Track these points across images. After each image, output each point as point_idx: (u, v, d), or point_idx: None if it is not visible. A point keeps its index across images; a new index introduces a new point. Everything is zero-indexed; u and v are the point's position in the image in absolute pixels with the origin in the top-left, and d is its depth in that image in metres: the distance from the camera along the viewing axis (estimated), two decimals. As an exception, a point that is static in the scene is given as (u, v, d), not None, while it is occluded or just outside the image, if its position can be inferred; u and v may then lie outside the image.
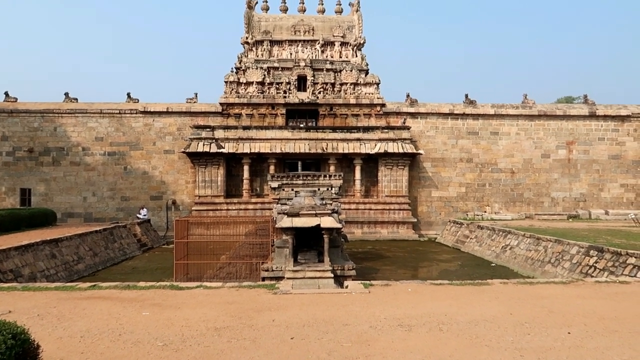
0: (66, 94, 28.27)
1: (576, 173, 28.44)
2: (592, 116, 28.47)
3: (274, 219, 14.93)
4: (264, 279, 13.50)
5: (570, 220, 25.13)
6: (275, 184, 16.19)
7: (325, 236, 12.68)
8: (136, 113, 27.70)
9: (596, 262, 12.93)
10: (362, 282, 9.29)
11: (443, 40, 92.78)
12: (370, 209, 26.38)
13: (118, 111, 27.69)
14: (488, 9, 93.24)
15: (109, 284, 9.15)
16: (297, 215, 12.54)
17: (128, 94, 28.33)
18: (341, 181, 16.33)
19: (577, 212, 26.90)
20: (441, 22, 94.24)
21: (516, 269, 16.42)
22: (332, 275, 12.61)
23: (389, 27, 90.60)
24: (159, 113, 27.77)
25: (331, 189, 15.97)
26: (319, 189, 15.77)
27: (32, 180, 27.21)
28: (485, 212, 27.20)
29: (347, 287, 9.04)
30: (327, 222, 12.42)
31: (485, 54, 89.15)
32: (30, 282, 12.98)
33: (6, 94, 27.90)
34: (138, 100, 28.35)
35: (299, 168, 26.26)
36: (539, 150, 28.44)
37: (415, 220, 26.77)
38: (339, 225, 12.97)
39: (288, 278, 12.55)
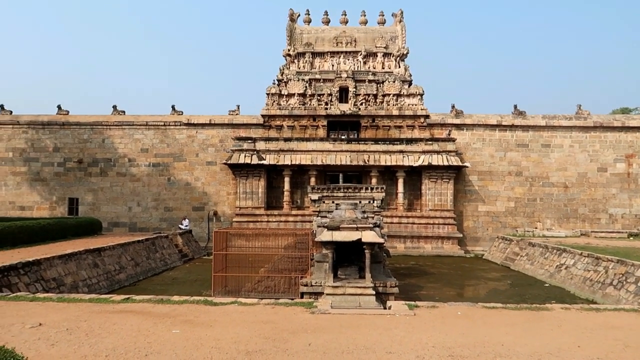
0: (114, 107, 29.08)
1: (637, 188, 26.56)
2: (654, 127, 26.60)
3: (314, 232, 14.50)
4: (302, 294, 13.06)
5: (631, 238, 23.38)
6: (315, 196, 15.81)
7: (366, 251, 12.12)
8: (180, 125, 28.13)
9: (666, 286, 11.72)
10: (407, 302, 8.65)
11: (488, 52, 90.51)
12: (414, 223, 25.52)
13: (163, 123, 28.21)
14: (534, 19, 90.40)
15: (142, 297, 8.92)
16: (337, 228, 12.05)
17: (172, 107, 28.85)
18: (383, 194, 15.76)
19: (638, 229, 25.02)
20: (485, 32, 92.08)
21: (573, 290, 15.24)
22: (374, 293, 12.00)
23: (433, 37, 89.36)
24: (202, 125, 28.10)
25: (373, 202, 15.42)
26: (360, 202, 15.25)
27: (81, 190, 28.03)
28: (536, 228, 25.77)
29: (390, 307, 8.44)
30: (369, 236, 11.86)
31: (532, 67, 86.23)
32: (73, 290, 13.08)
33: (59, 107, 28.99)
34: (182, 112, 28.81)
35: (340, 180, 25.73)
36: (594, 163, 26.79)
37: (461, 235, 25.68)
38: (381, 240, 12.37)
39: (327, 294, 12.05)
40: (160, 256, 19.89)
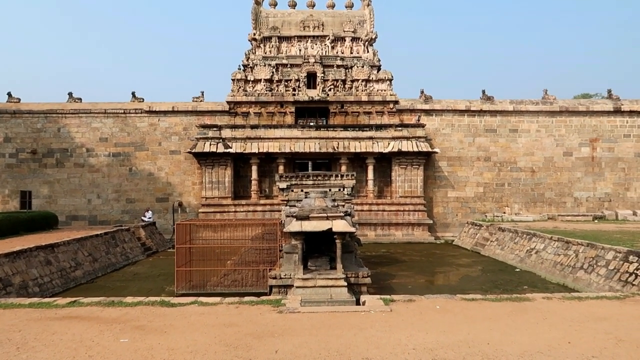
0: (70, 94, 27.51)
1: (600, 172, 27.01)
2: (617, 112, 27.02)
3: (282, 222, 13.91)
4: (271, 287, 12.50)
5: (596, 221, 23.75)
6: (283, 185, 15.19)
7: (337, 241, 11.62)
8: (141, 113, 26.86)
9: (637, 269, 11.70)
10: (382, 297, 8.13)
11: (455, 37, 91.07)
12: (384, 210, 25.23)
13: (123, 111, 26.87)
14: (501, 6, 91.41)
15: (91, 299, 8.09)
16: (306, 218, 11.49)
17: (133, 93, 27.52)
18: (354, 181, 15.28)
19: (602, 212, 25.48)
20: (453, 18, 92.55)
21: (544, 274, 15.20)
22: (345, 284, 11.55)
23: (401, 23, 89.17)
24: (165, 112, 26.90)
25: (343, 190, 14.92)
26: (330, 190, 14.71)
27: (36, 182, 26.49)
28: (504, 213, 25.90)
29: (364, 303, 7.94)
30: (340, 225, 11.35)
31: (499, 52, 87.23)
32: (21, 291, 12.12)
33: (9, 94, 27.23)
34: (143, 99, 27.52)
35: (309, 168, 25.29)
36: (560, 148, 27.06)
37: (431, 221, 25.57)
38: (353, 229, 11.88)
39: (297, 287, 11.53)
40: (121, 250, 18.90)
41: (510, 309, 7.10)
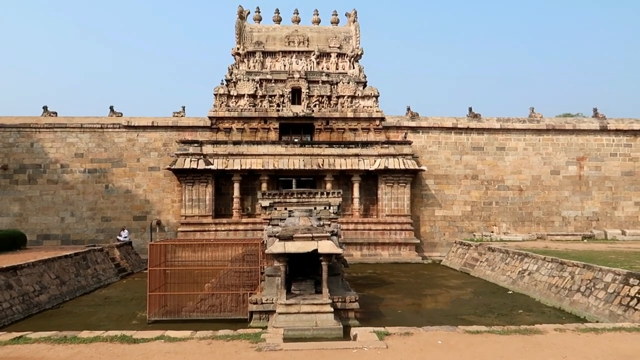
0: (44, 108, 26.45)
1: (588, 191, 26.76)
2: (604, 130, 26.93)
3: (264, 242, 13.06)
4: (252, 313, 11.62)
5: (586, 241, 23.34)
6: (266, 203, 14.38)
7: (323, 263, 10.84)
8: (119, 127, 25.89)
9: (639, 293, 11.09)
10: (375, 330, 7.28)
11: (442, 56, 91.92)
12: (370, 230, 24.50)
13: (100, 125, 25.87)
14: (487, 27, 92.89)
15: (40, 334, 7.09)
16: (290, 238, 10.70)
17: (111, 107, 26.59)
18: (340, 199, 14.54)
19: (591, 232, 25.11)
20: (440, 37, 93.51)
21: (538, 297, 14.56)
22: (332, 310, 10.74)
23: (387, 40, 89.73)
24: (144, 127, 25.97)
25: (329, 208, 14.17)
26: (315, 208, 13.96)
27: (6, 199, 25.18)
28: (492, 232, 25.37)
29: (355, 336, 7.10)
30: (326, 246, 10.58)
31: (485, 72, 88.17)
32: (-24, 319, 11.01)
33: (-20, 107, 26.05)
34: (122, 114, 26.58)
35: (294, 185, 24.49)
36: (548, 166, 26.79)
37: (418, 241, 24.90)
38: (340, 250, 11.11)
39: (280, 313, 10.68)
40: (93, 272, 17.76)
41: (522, 344, 6.31)
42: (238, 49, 27.31)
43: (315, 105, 25.98)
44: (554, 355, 5.89)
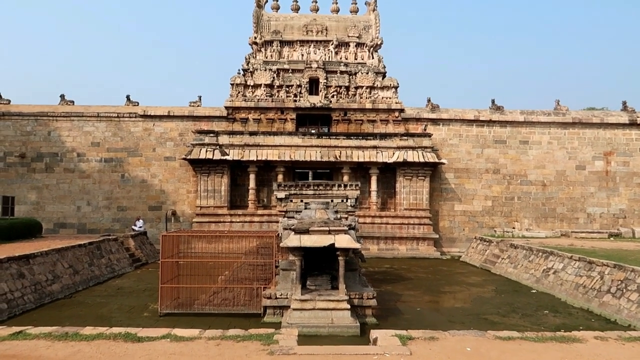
0: (62, 96, 26.38)
1: (615, 187, 25.78)
2: (633, 124, 25.87)
3: (279, 235, 12.67)
4: (265, 308, 11.25)
5: (612, 239, 22.46)
6: (282, 194, 13.95)
7: (340, 258, 10.38)
8: (135, 117, 25.72)
9: (676, 296, 10.41)
10: (397, 333, 6.78)
11: (463, 48, 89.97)
12: (388, 224, 23.96)
13: (116, 115, 25.73)
14: (511, 19, 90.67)
15: (40, 330, 6.76)
16: (306, 232, 10.25)
17: (127, 97, 26.41)
18: (358, 191, 14.04)
19: (618, 229, 24.18)
20: (461, 29, 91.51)
21: (564, 297, 13.90)
22: (348, 307, 10.30)
23: (407, 31, 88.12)
24: (160, 117, 25.77)
25: (347, 201, 13.69)
26: (332, 201, 13.50)
27: (23, 187, 25.26)
28: (514, 228, 24.63)
29: (375, 340, 6.63)
30: (343, 241, 10.12)
31: (508, 66, 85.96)
32: (-14, 308, 10.84)
33: (-2, 95, 26.13)
34: (138, 103, 26.39)
35: (310, 177, 24.08)
36: (573, 161, 25.86)
37: (437, 236, 24.29)
38: (357, 245, 10.64)
39: (294, 309, 10.29)
40: (107, 262, 17.61)
41: (560, 354, 5.74)
42: (255, 38, 26.87)
43: (333, 96, 25.44)
44: (598, 367, 5.37)
